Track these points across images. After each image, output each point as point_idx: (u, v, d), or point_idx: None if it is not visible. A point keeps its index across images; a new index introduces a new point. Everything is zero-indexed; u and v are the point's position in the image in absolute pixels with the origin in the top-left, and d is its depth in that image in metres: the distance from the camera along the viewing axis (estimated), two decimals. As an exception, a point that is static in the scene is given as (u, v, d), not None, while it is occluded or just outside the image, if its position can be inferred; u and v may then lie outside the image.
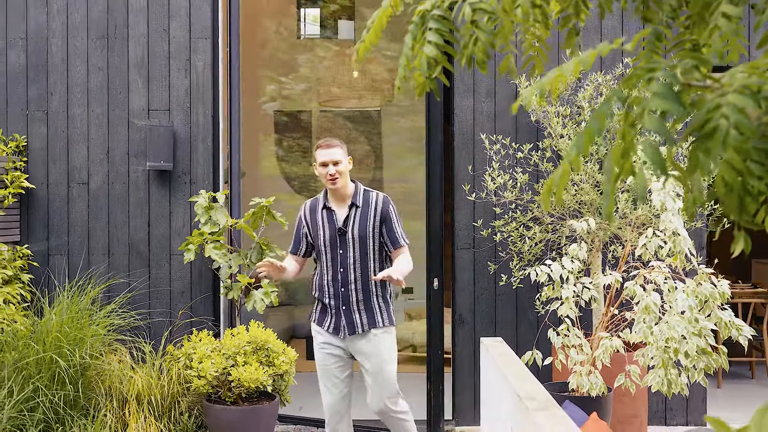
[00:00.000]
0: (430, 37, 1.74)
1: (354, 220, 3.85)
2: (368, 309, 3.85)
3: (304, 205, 4.05)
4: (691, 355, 3.47)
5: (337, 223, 3.87)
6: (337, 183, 3.83)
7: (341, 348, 3.91)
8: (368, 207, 3.88)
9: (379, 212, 3.87)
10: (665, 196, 3.64)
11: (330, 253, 3.86)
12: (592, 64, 1.32)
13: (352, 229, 3.84)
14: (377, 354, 3.86)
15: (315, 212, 3.96)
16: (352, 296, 3.83)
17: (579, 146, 1.27)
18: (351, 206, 3.87)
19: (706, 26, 1.42)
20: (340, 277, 3.84)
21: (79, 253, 5.54)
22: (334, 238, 3.85)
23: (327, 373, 3.92)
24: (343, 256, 3.84)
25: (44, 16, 5.61)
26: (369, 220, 3.86)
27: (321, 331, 3.93)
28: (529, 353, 4.11)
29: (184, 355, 4.86)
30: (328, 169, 3.82)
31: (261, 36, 8.39)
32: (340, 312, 3.85)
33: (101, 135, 5.58)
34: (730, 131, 1.13)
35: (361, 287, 3.83)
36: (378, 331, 3.86)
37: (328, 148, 3.84)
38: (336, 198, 3.91)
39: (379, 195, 3.94)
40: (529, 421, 2.46)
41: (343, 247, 3.84)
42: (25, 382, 4.37)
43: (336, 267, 3.85)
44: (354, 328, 3.84)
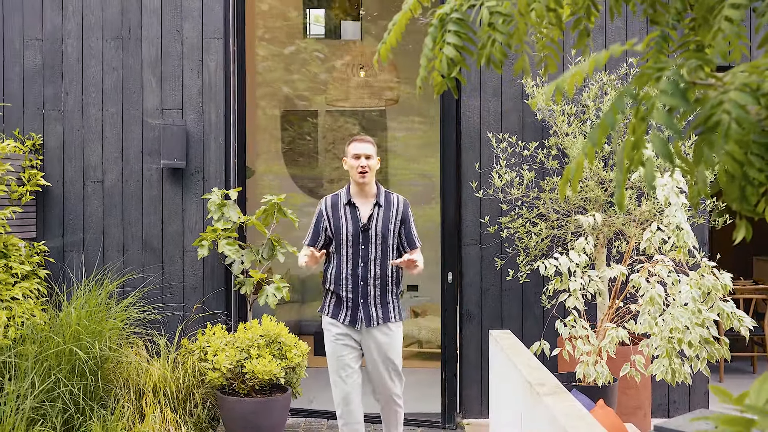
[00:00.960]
0: (450, 38, 1.84)
1: (377, 219, 4.03)
2: (384, 304, 4.04)
3: (324, 200, 4.15)
4: (695, 345, 3.59)
5: (361, 219, 4.02)
6: (366, 177, 3.98)
7: (355, 340, 4.06)
8: (390, 208, 4.07)
9: (400, 214, 4.08)
10: (669, 192, 3.76)
11: (351, 247, 4.01)
12: (605, 63, 1.43)
13: (375, 227, 4.01)
14: (389, 344, 4.05)
15: (337, 207, 4.07)
16: (370, 290, 4.00)
17: (593, 139, 1.38)
18: (375, 205, 4.05)
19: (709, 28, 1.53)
20: (360, 272, 4.00)
21: (94, 249, 5.66)
22: (357, 234, 4.01)
23: (341, 363, 4.03)
24: (364, 252, 4.00)
25: (60, 18, 5.74)
26: (391, 220, 4.04)
27: (336, 323, 4.06)
28: (537, 344, 4.23)
29: (199, 348, 4.98)
30: (360, 161, 3.98)
31: (268, 36, 8.50)
32: (357, 305, 4.01)
33: (115, 134, 5.70)
34: (732, 125, 1.24)
35: (379, 282, 4.01)
36: (392, 325, 4.06)
37: (362, 142, 4.03)
38: (361, 195, 4.06)
39: (399, 197, 4.14)
40: (540, 405, 2.58)
41: (365, 243, 4.00)
42: (46, 374, 4.49)
43: (356, 261, 4.00)
44: (371, 321, 4.01)
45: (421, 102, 8.20)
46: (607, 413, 3.20)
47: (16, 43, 5.74)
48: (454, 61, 1.82)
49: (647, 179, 1.36)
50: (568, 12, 1.91)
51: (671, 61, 1.42)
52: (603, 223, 4.87)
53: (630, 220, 4.89)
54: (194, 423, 4.93)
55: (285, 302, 5.89)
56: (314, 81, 8.75)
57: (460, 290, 5.54)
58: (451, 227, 5.49)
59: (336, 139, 8.83)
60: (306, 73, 8.74)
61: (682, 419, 2.21)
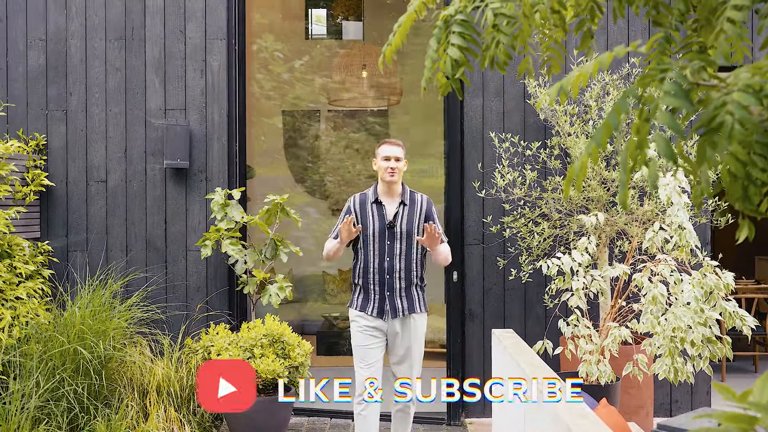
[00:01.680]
0: (454, 40, 1.85)
1: (402, 216, 4.26)
2: (408, 296, 4.26)
3: (353, 198, 4.38)
4: (697, 344, 3.60)
5: (387, 217, 4.26)
6: (394, 176, 4.23)
7: (382, 331, 4.27)
8: (414, 206, 4.30)
9: (424, 211, 4.31)
10: (672, 191, 3.77)
11: (378, 243, 4.24)
12: (609, 64, 1.44)
13: (401, 224, 4.25)
14: (414, 333, 4.28)
15: (365, 205, 4.32)
16: (395, 283, 4.23)
17: (597, 139, 1.39)
18: (400, 204, 4.27)
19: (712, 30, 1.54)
20: (387, 266, 4.23)
21: (97, 249, 5.68)
22: (383, 230, 4.24)
23: (366, 352, 4.25)
24: (390, 247, 4.24)
25: (63, 18, 5.75)
26: (415, 217, 4.28)
27: (364, 315, 4.28)
28: (540, 343, 4.25)
29: (203, 347, 5.00)
30: (389, 163, 4.23)
31: (270, 36, 8.52)
32: (384, 297, 4.24)
33: (119, 134, 5.72)
34: (735, 126, 1.25)
35: (404, 276, 4.24)
36: (416, 316, 4.29)
37: (393, 146, 4.29)
38: (388, 194, 4.30)
39: (423, 196, 4.37)
40: (543, 405, 2.59)
41: (391, 239, 4.24)
42: (51, 373, 4.51)
43: (383, 256, 4.23)
44: (396, 312, 4.23)
45: (423, 102, 8.21)
46: (609, 412, 3.21)
47: (20, 43, 5.76)
48: (458, 62, 1.83)
49: (650, 179, 1.37)
50: (571, 13, 1.92)
51: (674, 62, 1.43)
52: (605, 222, 4.89)
53: (632, 219, 4.91)
54: (198, 422, 4.95)
55: (288, 302, 5.91)
56: (315, 81, 8.76)
57: (463, 290, 5.56)
58: (456, 227, 5.53)
59: (338, 139, 8.85)
60: (307, 72, 8.75)
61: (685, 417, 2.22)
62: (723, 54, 1.45)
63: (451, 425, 5.47)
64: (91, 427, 4.52)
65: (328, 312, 8.26)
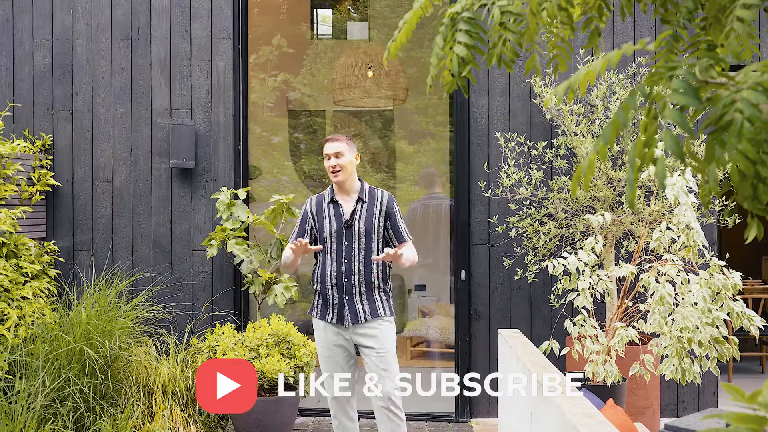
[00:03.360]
0: (461, 37, 1.84)
1: (360, 214, 4.00)
2: (370, 300, 3.96)
3: (309, 200, 4.16)
4: (704, 345, 3.58)
5: (344, 216, 4.00)
6: (338, 176, 3.98)
7: (345, 338, 3.98)
8: (374, 203, 4.04)
9: (384, 208, 4.04)
10: (679, 191, 3.76)
11: (335, 244, 3.98)
12: (617, 62, 1.44)
13: (359, 223, 3.99)
14: (379, 340, 3.93)
15: (321, 206, 4.08)
16: (355, 287, 3.94)
17: (606, 137, 1.39)
18: (358, 201, 4.03)
19: (721, 28, 1.53)
20: (344, 268, 3.95)
21: (103, 249, 5.69)
22: (341, 231, 3.99)
23: (332, 363, 3.98)
24: (348, 248, 3.97)
25: (69, 18, 5.76)
26: (374, 215, 4.01)
27: (326, 323, 4.00)
28: (547, 343, 4.23)
29: (208, 347, 5.00)
30: (329, 161, 3.99)
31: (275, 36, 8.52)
32: (343, 302, 3.95)
33: (125, 134, 5.73)
34: (745, 124, 1.24)
35: (364, 278, 3.95)
36: (380, 321, 3.96)
37: (332, 142, 4.02)
38: (343, 192, 4.05)
39: (384, 192, 4.11)
40: (550, 404, 2.58)
41: (349, 239, 3.98)
42: (57, 373, 4.51)
43: (340, 258, 3.96)
44: (357, 317, 3.93)
45: (429, 101, 8.20)
46: (616, 412, 3.20)
47: (26, 44, 5.77)
48: (464, 60, 1.82)
49: (659, 177, 1.36)
50: (578, 11, 1.91)
51: (683, 60, 1.42)
52: (612, 222, 4.87)
53: (639, 219, 4.89)
54: (203, 422, 4.95)
55: (293, 302, 5.91)
56: (320, 81, 8.76)
57: (469, 290, 5.55)
58: (463, 226, 5.53)
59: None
60: (312, 72, 8.75)
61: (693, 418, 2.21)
62: (733, 52, 1.44)
63: (458, 422, 5.47)
64: (96, 427, 4.53)
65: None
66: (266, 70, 8.49)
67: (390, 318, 4.01)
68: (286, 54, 8.61)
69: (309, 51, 8.72)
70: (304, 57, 8.70)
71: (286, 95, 8.75)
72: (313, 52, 8.75)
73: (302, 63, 8.66)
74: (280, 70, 8.61)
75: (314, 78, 8.78)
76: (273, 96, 8.62)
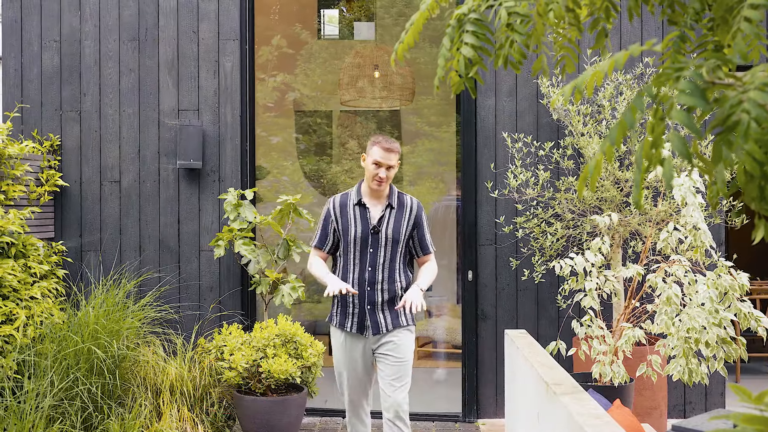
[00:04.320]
0: (468, 38, 1.85)
1: (388, 221, 3.78)
2: (392, 309, 3.78)
3: (332, 200, 3.90)
4: (712, 345, 3.58)
5: (371, 221, 3.77)
6: (381, 186, 3.75)
7: (364, 348, 3.81)
8: (403, 210, 3.82)
9: (413, 216, 3.83)
10: (686, 192, 3.75)
11: (359, 250, 3.76)
12: (624, 63, 1.44)
13: (386, 229, 3.76)
14: (399, 351, 3.77)
15: (346, 207, 3.83)
16: (377, 296, 3.74)
17: (612, 138, 1.39)
18: (387, 206, 3.80)
19: (728, 28, 1.53)
20: (368, 276, 3.74)
21: (111, 249, 5.71)
22: (366, 236, 3.76)
23: (349, 370, 3.83)
24: (372, 255, 3.75)
25: (77, 20, 5.78)
26: (403, 223, 3.80)
27: (343, 332, 3.83)
28: (554, 343, 4.23)
29: (215, 347, 5.01)
30: (379, 171, 3.71)
31: (282, 36, 8.54)
32: (364, 311, 3.75)
33: (132, 134, 5.75)
34: (751, 124, 1.24)
35: (387, 288, 3.75)
36: (402, 330, 3.79)
37: (388, 152, 3.73)
38: (373, 195, 3.82)
39: (413, 199, 3.89)
40: (557, 405, 2.58)
41: (374, 246, 3.75)
42: (65, 372, 4.53)
43: (364, 265, 3.75)
44: (379, 328, 3.75)
45: (436, 102, 8.21)
46: (623, 413, 3.19)
47: (34, 45, 5.80)
48: (471, 61, 1.82)
49: (666, 178, 1.36)
50: (585, 12, 1.91)
51: (690, 61, 1.42)
52: (619, 223, 4.86)
53: (646, 220, 4.88)
54: (211, 422, 4.96)
55: (300, 302, 5.92)
56: (327, 81, 8.77)
57: (476, 290, 5.55)
58: (470, 227, 5.53)
59: (350, 139, 8.85)
60: (320, 73, 8.76)
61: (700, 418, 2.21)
62: (740, 53, 1.44)
63: (465, 422, 5.48)
64: (104, 427, 4.54)
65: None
66: (270, 71, 8.50)
67: (411, 327, 3.83)
68: (290, 55, 8.63)
69: (315, 51, 8.73)
70: (311, 57, 8.71)
71: (290, 95, 8.76)
72: (319, 52, 8.76)
73: (309, 63, 8.67)
74: (283, 70, 8.62)
75: (321, 78, 8.79)
76: (277, 96, 8.64)
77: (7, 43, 5.82)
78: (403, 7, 8.30)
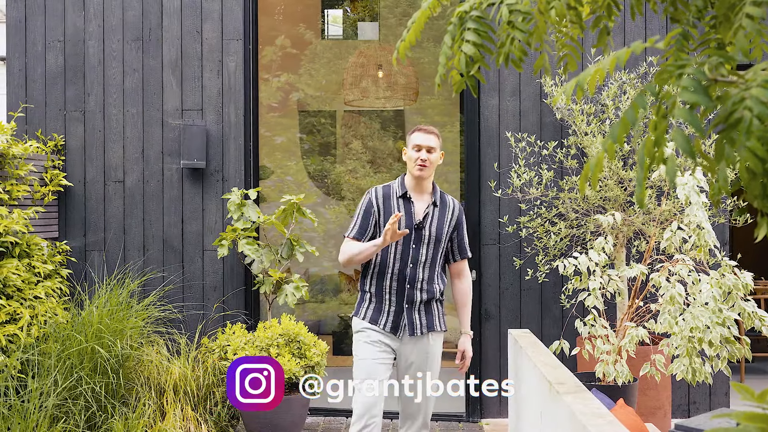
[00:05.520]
0: (469, 36, 1.84)
1: (432, 218, 3.63)
2: (428, 311, 3.64)
3: (373, 190, 3.70)
4: (715, 344, 3.57)
5: (416, 215, 3.61)
6: (424, 171, 3.58)
7: (392, 349, 3.62)
8: (446, 209, 3.69)
9: (455, 217, 3.72)
10: (690, 191, 3.74)
11: (402, 245, 3.58)
12: (626, 60, 1.43)
13: (430, 226, 3.61)
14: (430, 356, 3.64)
15: (389, 199, 3.64)
16: (416, 295, 3.59)
17: (614, 135, 1.38)
18: (432, 203, 3.65)
19: (730, 26, 1.52)
20: (408, 273, 3.58)
21: (115, 249, 5.72)
22: (410, 231, 3.58)
23: (375, 367, 3.56)
24: (415, 252, 3.59)
25: (81, 20, 5.79)
26: (445, 222, 3.67)
27: (375, 328, 3.60)
28: (557, 343, 4.22)
29: (219, 347, 5.02)
30: (420, 154, 3.57)
31: (286, 36, 8.54)
32: (401, 310, 3.58)
33: (136, 134, 5.75)
34: (754, 121, 1.23)
35: (426, 287, 3.61)
36: (434, 335, 3.66)
37: (427, 134, 3.61)
38: (417, 189, 3.65)
39: (455, 201, 3.78)
40: (560, 404, 2.57)
41: (417, 243, 3.59)
42: (69, 372, 4.54)
43: (405, 262, 3.58)
44: (413, 329, 3.59)
45: (440, 102, 8.20)
46: (627, 413, 3.19)
47: (38, 45, 5.81)
48: (473, 59, 1.82)
49: (669, 176, 1.36)
50: (587, 10, 1.90)
51: (693, 58, 1.42)
52: (623, 222, 4.86)
53: (650, 219, 4.87)
54: (214, 421, 4.96)
55: (304, 302, 5.92)
56: (330, 81, 8.77)
57: (479, 290, 5.54)
58: (473, 226, 5.52)
59: (354, 139, 8.85)
60: (323, 73, 8.76)
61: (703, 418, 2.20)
62: (742, 50, 1.44)
63: (469, 422, 5.47)
64: (108, 426, 4.55)
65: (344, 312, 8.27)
66: (274, 71, 8.50)
67: (443, 332, 3.72)
68: (294, 55, 8.63)
69: (319, 51, 8.74)
70: (315, 57, 8.71)
71: (294, 95, 8.76)
72: (323, 52, 8.76)
73: (311, 64, 8.67)
74: (287, 70, 8.63)
75: (325, 78, 8.79)
76: (281, 96, 8.64)
77: (11, 43, 5.83)
78: (407, 6, 8.30)
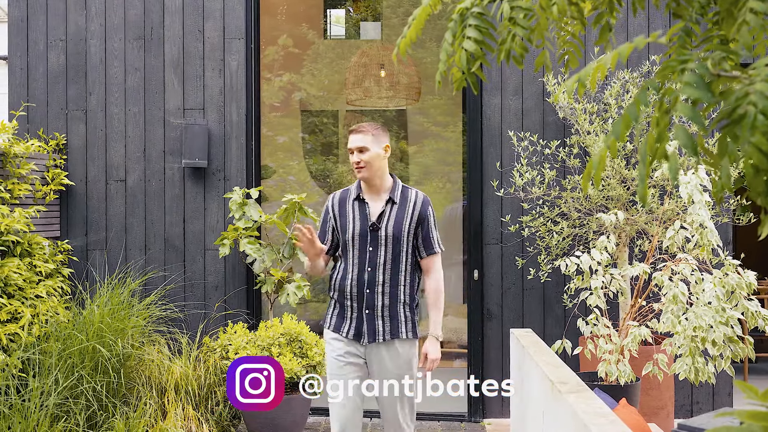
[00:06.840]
0: (470, 33, 1.82)
1: (389, 217, 3.48)
2: (392, 316, 3.45)
3: (332, 196, 3.64)
4: (718, 344, 3.55)
5: (370, 217, 3.48)
6: (363, 172, 3.48)
7: (360, 357, 3.47)
8: (406, 205, 3.51)
9: (417, 212, 3.51)
10: (693, 189, 3.72)
11: (358, 249, 3.48)
12: (628, 57, 1.42)
13: (386, 226, 3.46)
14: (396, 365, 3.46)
15: (345, 204, 3.56)
16: (377, 300, 3.44)
17: (616, 132, 1.37)
18: (388, 201, 3.51)
19: (734, 21, 1.51)
20: (367, 277, 3.45)
21: (116, 248, 5.71)
22: (365, 234, 3.47)
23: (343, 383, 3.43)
24: (372, 254, 3.46)
25: (83, 19, 5.79)
26: (405, 219, 3.49)
27: (339, 337, 3.49)
28: (559, 342, 4.21)
29: (221, 346, 5.01)
30: (353, 157, 3.49)
31: (288, 36, 8.53)
32: (362, 316, 3.45)
33: (138, 133, 5.75)
34: (758, 117, 1.22)
35: (388, 291, 3.45)
36: (400, 342, 3.46)
37: (356, 134, 3.50)
38: (370, 190, 3.54)
39: (418, 193, 3.57)
40: (562, 404, 2.56)
41: (374, 245, 3.46)
42: (70, 371, 4.53)
43: (363, 265, 3.46)
44: (375, 336, 3.43)
45: (442, 102, 8.19)
46: (629, 412, 3.17)
47: (40, 44, 5.80)
48: (473, 55, 1.80)
49: (671, 173, 1.34)
50: (589, 6, 1.89)
51: (695, 53, 1.40)
52: (625, 221, 4.84)
53: (653, 218, 4.86)
54: (216, 421, 4.95)
55: (306, 301, 5.91)
56: (333, 81, 8.76)
57: (482, 289, 5.53)
58: (476, 226, 5.52)
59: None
60: (326, 72, 8.75)
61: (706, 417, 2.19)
62: (745, 45, 1.42)
63: (471, 422, 5.46)
64: (109, 425, 4.54)
65: (346, 312, 8.25)
66: (277, 70, 8.50)
67: (414, 341, 3.49)
68: (296, 54, 8.62)
69: (322, 51, 8.73)
70: (317, 57, 8.70)
71: (296, 95, 8.75)
72: (325, 51, 8.75)
73: (314, 63, 8.66)
74: (289, 70, 8.62)
75: (327, 78, 8.78)
76: (283, 96, 8.64)
77: (13, 42, 5.83)
78: (409, 6, 8.29)
